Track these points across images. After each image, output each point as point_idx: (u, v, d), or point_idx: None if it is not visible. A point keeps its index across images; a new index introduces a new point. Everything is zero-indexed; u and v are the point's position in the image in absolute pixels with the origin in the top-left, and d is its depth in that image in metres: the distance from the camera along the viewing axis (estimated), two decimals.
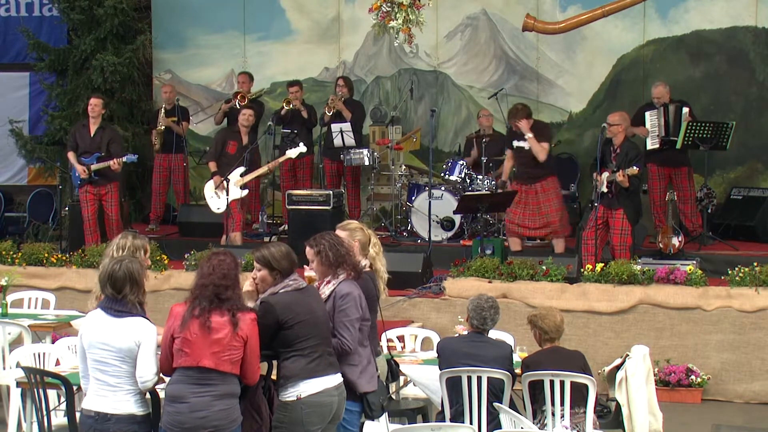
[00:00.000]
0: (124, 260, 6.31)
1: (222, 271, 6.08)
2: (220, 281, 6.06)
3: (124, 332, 6.11)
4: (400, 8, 10.46)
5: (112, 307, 6.17)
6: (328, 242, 6.76)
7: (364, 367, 6.78)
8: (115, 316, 6.14)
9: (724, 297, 10.75)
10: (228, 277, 6.08)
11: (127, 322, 6.13)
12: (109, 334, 6.12)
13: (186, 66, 16.36)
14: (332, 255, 6.70)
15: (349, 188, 14.58)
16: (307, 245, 6.83)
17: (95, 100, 13.20)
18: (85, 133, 13.15)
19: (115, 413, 6.10)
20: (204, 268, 6.13)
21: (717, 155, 13.42)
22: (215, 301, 6.02)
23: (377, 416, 7.06)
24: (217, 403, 6.05)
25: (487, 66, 15.33)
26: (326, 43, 15.84)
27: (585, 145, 14.73)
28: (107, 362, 6.12)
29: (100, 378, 6.15)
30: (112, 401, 6.11)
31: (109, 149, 13.03)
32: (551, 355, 7.60)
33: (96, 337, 6.14)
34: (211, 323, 6.00)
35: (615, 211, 11.70)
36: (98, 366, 6.14)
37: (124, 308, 6.16)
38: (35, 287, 11.60)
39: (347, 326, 6.63)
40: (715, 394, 10.65)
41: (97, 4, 15.51)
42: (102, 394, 6.14)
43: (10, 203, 16.44)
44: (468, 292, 10.67)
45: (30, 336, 9.32)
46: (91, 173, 12.96)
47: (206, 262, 6.18)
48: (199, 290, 6.06)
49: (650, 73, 14.49)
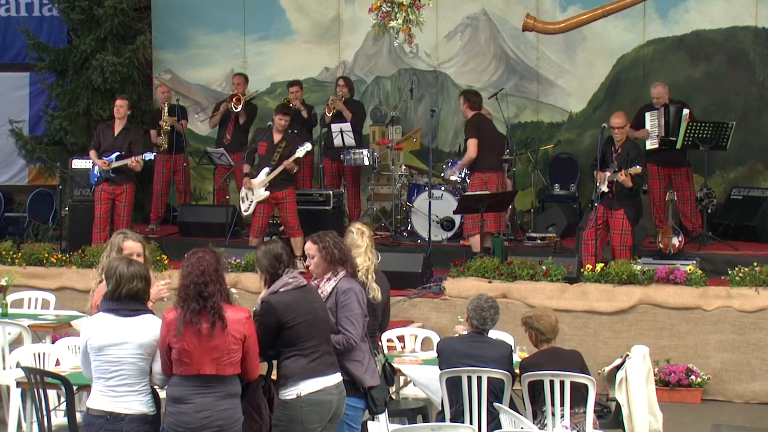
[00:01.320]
0: (133, 261, 6.33)
1: (200, 268, 6.06)
2: (199, 278, 6.03)
3: (142, 329, 6.09)
4: (400, 8, 10.45)
5: (121, 308, 6.12)
6: (332, 240, 6.83)
7: (367, 361, 6.83)
8: (127, 316, 6.11)
9: (724, 297, 10.76)
10: (206, 273, 6.05)
11: (144, 320, 6.13)
12: (126, 333, 6.07)
13: (186, 66, 16.36)
14: (337, 253, 6.79)
15: (349, 188, 14.59)
16: (310, 240, 6.89)
17: (120, 101, 13.23)
18: (109, 133, 13.21)
19: (129, 413, 6.07)
20: (184, 268, 6.12)
21: (717, 155, 13.42)
22: (199, 300, 6.00)
23: (380, 411, 7.08)
24: (221, 402, 6.05)
25: (487, 66, 15.33)
26: (326, 43, 15.84)
27: (585, 145, 14.72)
28: (125, 360, 6.07)
29: (113, 378, 6.09)
30: (125, 401, 6.08)
31: (131, 149, 13.09)
32: (549, 356, 7.59)
33: (111, 339, 6.08)
34: (203, 328, 5.98)
35: (615, 212, 11.69)
36: (114, 366, 6.08)
37: (138, 307, 6.15)
38: (35, 287, 11.61)
39: (351, 321, 6.67)
40: (715, 394, 10.66)
41: (97, 5, 15.51)
42: (112, 394, 6.09)
43: (10, 203, 16.43)
44: (468, 292, 10.67)
45: (30, 336, 9.33)
46: (110, 168, 13.00)
47: (186, 261, 6.18)
48: (183, 292, 6.05)
49: (650, 73, 14.49)
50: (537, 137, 14.86)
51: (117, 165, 13.01)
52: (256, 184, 12.82)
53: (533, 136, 14.91)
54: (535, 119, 15.15)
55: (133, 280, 6.14)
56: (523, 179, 14.78)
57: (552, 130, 15.05)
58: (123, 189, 13.18)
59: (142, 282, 6.18)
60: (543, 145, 14.68)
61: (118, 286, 6.13)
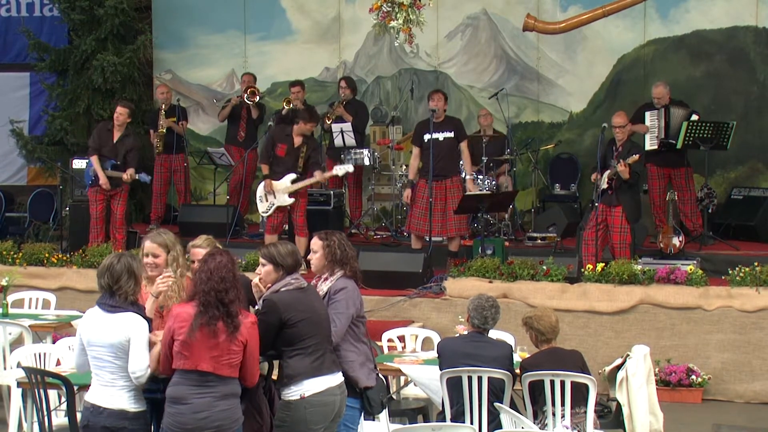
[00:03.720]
0: (124, 255, 6.35)
1: (220, 274, 6.08)
2: (219, 285, 6.05)
3: (115, 328, 6.14)
4: (401, 8, 10.46)
5: (107, 303, 6.22)
6: (338, 240, 6.86)
7: (362, 362, 6.81)
8: (108, 312, 6.19)
9: (724, 297, 10.76)
10: (226, 279, 6.08)
11: (118, 318, 6.16)
12: (102, 331, 6.17)
13: (186, 66, 16.36)
14: (339, 252, 6.81)
15: (350, 188, 14.58)
16: (316, 236, 6.94)
17: (121, 110, 13.06)
18: (108, 139, 13.12)
19: (108, 407, 6.15)
20: (202, 273, 6.12)
21: (717, 155, 13.41)
22: (221, 307, 6.03)
23: (377, 413, 7.08)
24: (219, 403, 6.05)
25: (487, 66, 15.33)
26: (327, 43, 15.84)
27: (585, 145, 14.73)
28: (102, 358, 6.18)
29: (98, 373, 6.23)
30: (106, 395, 6.17)
31: (126, 158, 13.03)
32: (549, 356, 7.59)
33: (93, 335, 6.21)
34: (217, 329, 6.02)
35: (614, 209, 11.69)
36: (96, 362, 6.22)
37: (116, 303, 6.19)
38: (36, 287, 11.61)
39: (334, 318, 6.68)
40: (715, 393, 10.66)
41: (98, 5, 15.49)
42: (99, 388, 6.21)
43: (11, 203, 16.42)
44: (468, 292, 10.67)
45: (31, 336, 9.33)
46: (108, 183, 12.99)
47: (203, 265, 6.17)
48: (203, 297, 6.05)
49: (651, 73, 14.49)
50: (537, 137, 14.86)
51: (110, 174, 12.97)
52: (281, 189, 12.55)
53: (534, 136, 14.90)
54: (536, 119, 15.15)
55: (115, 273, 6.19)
56: (523, 179, 14.79)
57: (552, 130, 15.05)
58: (119, 190, 13.15)
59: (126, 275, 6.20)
60: (543, 145, 14.69)
61: (101, 277, 6.24)
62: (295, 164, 12.59)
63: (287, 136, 12.68)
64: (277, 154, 12.66)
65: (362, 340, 6.86)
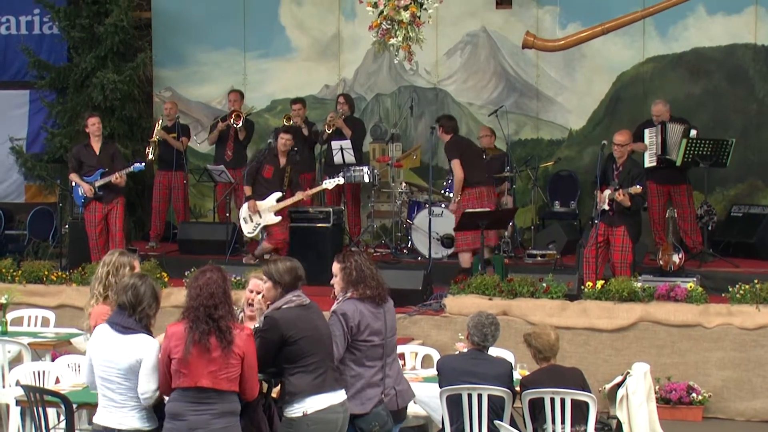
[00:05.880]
0: (147, 276, 6.39)
1: (209, 290, 6.09)
2: (208, 301, 6.06)
3: (126, 350, 6.14)
4: (400, 26, 10.49)
5: (120, 323, 6.19)
6: (355, 262, 6.86)
7: (360, 388, 6.76)
8: (120, 333, 6.18)
9: (724, 314, 10.74)
10: (215, 295, 6.09)
11: (130, 339, 6.16)
12: (113, 352, 6.16)
13: (186, 83, 16.39)
14: (355, 274, 6.81)
15: (349, 205, 14.59)
16: (335, 259, 6.96)
17: (93, 119, 13.22)
18: (89, 152, 13.16)
19: (122, 428, 6.14)
20: (192, 290, 6.14)
21: (717, 172, 13.42)
22: (210, 322, 6.03)
23: None
24: (216, 421, 6.05)
25: (486, 83, 15.35)
26: (326, 61, 15.87)
27: (585, 163, 14.73)
28: (112, 380, 6.17)
29: (107, 394, 6.20)
30: (118, 417, 6.16)
31: (113, 163, 13.08)
32: (549, 374, 7.57)
33: (102, 355, 6.19)
34: (209, 346, 6.02)
35: (616, 229, 11.66)
36: (105, 383, 6.20)
37: (130, 325, 6.18)
38: (35, 305, 11.59)
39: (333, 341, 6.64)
40: (716, 411, 10.62)
41: (98, 22, 15.55)
42: (109, 409, 6.18)
43: (10, 221, 16.43)
44: (468, 309, 10.64)
45: (29, 354, 9.32)
46: (96, 190, 12.98)
47: (194, 282, 6.19)
48: (192, 313, 6.06)
49: (650, 91, 14.51)
50: (537, 154, 14.85)
51: (101, 183, 12.99)
52: (265, 208, 12.83)
53: (533, 153, 14.91)
54: (535, 136, 15.16)
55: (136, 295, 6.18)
56: (523, 196, 14.79)
57: (552, 148, 15.06)
58: (114, 204, 13.15)
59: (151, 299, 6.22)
60: (543, 162, 14.70)
61: (120, 296, 6.23)
62: (281, 184, 12.93)
63: (274, 157, 13.02)
64: (264, 176, 12.99)
65: (365, 365, 6.80)
